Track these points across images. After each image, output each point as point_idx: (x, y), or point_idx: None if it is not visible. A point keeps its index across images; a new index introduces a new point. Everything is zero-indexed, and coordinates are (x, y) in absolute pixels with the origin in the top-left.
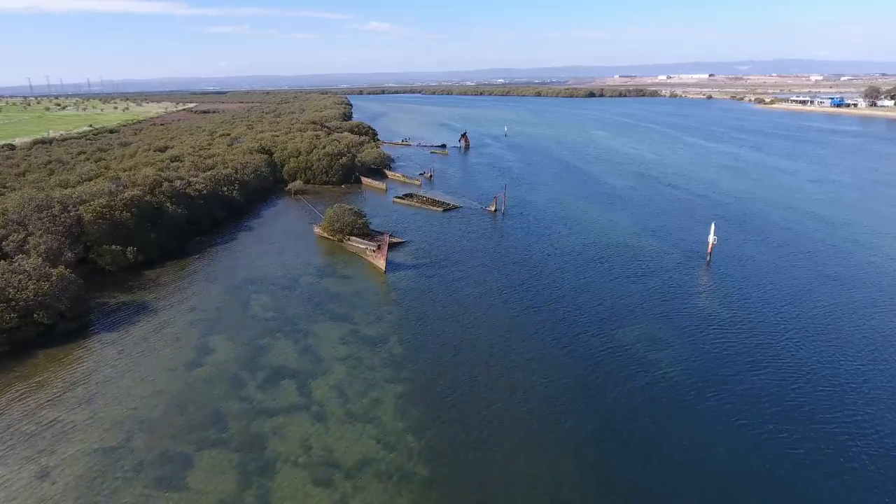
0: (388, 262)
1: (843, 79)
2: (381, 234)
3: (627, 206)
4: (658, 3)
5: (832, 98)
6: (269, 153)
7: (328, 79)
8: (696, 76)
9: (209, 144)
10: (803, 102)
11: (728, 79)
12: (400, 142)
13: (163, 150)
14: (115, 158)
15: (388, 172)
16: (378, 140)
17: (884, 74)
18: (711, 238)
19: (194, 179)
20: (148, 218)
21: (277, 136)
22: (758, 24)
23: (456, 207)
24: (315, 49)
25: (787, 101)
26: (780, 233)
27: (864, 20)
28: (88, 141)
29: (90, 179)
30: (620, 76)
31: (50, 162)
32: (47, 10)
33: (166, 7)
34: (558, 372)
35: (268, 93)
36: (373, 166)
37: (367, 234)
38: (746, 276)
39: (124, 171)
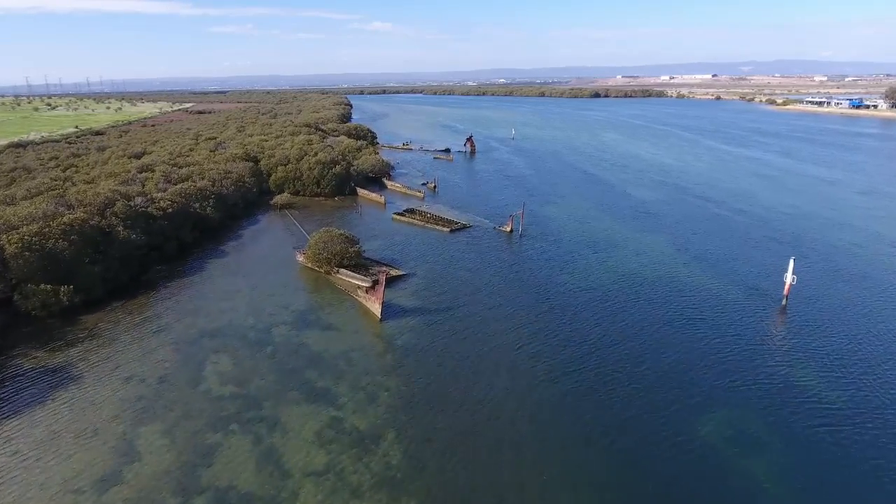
0: (384, 305)
1: (847, 79)
2: (377, 264)
3: (661, 225)
4: (660, 4)
5: (850, 99)
6: (255, 161)
7: (330, 79)
8: (699, 77)
9: (191, 150)
10: (819, 104)
11: (731, 79)
12: (401, 145)
13: (138, 156)
14: (87, 165)
15: (387, 182)
16: (377, 144)
17: (888, 75)
18: (789, 277)
19: (158, 195)
20: (94, 246)
21: (266, 141)
22: (760, 24)
23: (465, 227)
24: (318, 49)
25: (801, 102)
26: (850, 261)
27: (866, 21)
28: (68, 144)
29: (40, 194)
30: (623, 76)
31: (14, 169)
32: (51, 10)
33: (171, 7)
34: None
35: (268, 92)
36: (370, 175)
37: (361, 264)
38: (833, 326)
39: (86, 182)
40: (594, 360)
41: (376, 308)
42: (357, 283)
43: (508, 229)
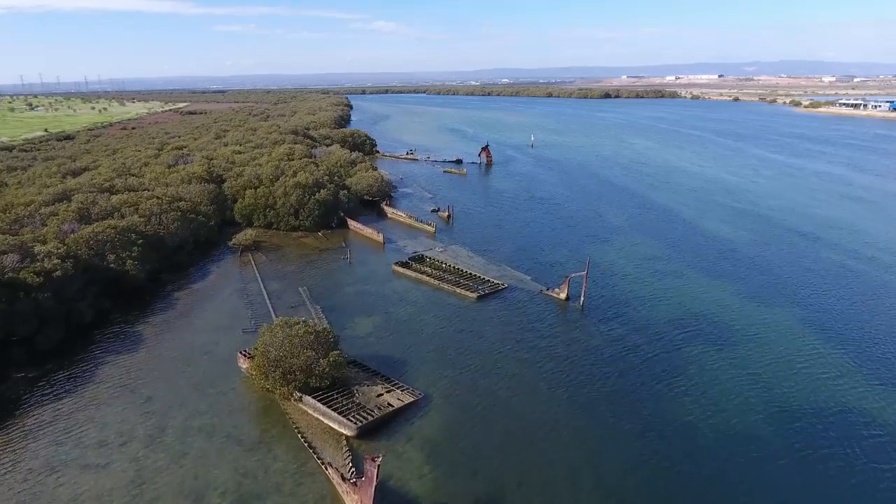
0: (382, 483)
1: (856, 80)
2: (368, 373)
3: (780, 287)
4: (663, 4)
5: (891, 101)
6: (220, 181)
7: (333, 78)
8: (705, 77)
9: (145, 164)
10: (855, 106)
11: (739, 80)
12: (404, 154)
13: (77, 173)
14: (18, 183)
15: (387, 209)
16: (377, 153)
17: None
18: None
19: (46, 248)
20: None
21: (239, 154)
22: (763, 25)
23: (497, 288)
24: (321, 48)
25: (833, 104)
26: None
27: (871, 22)
28: (22, 151)
29: None
30: (628, 76)
31: None
32: (56, 9)
33: (175, 6)
34: None
35: (268, 92)
36: (366, 197)
37: (341, 378)
38: None
39: None
40: None
41: None
42: (332, 425)
43: (563, 296)
